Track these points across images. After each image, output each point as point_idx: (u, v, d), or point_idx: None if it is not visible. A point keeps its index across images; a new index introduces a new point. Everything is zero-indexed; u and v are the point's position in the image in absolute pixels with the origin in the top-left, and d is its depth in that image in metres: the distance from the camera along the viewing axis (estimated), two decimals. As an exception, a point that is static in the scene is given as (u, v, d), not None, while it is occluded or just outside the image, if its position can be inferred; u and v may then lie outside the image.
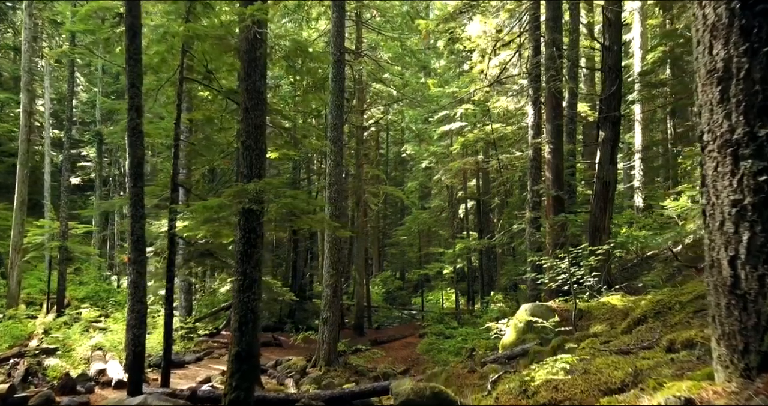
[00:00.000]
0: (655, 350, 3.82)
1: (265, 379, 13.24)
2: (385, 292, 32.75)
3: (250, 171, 6.95)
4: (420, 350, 18.27)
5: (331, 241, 14.41)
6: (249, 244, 6.91)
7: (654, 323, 5.32)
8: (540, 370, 4.13)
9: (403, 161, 40.65)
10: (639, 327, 5.36)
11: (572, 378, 3.50)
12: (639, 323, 5.66)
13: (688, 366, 2.95)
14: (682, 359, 3.17)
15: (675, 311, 5.35)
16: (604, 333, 6.77)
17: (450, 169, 24.30)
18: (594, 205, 12.53)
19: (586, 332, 7.31)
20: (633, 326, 5.69)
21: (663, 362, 3.25)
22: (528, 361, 7.19)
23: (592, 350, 4.70)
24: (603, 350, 4.59)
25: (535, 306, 8.69)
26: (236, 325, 6.77)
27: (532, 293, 12.68)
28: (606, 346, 4.80)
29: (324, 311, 14.39)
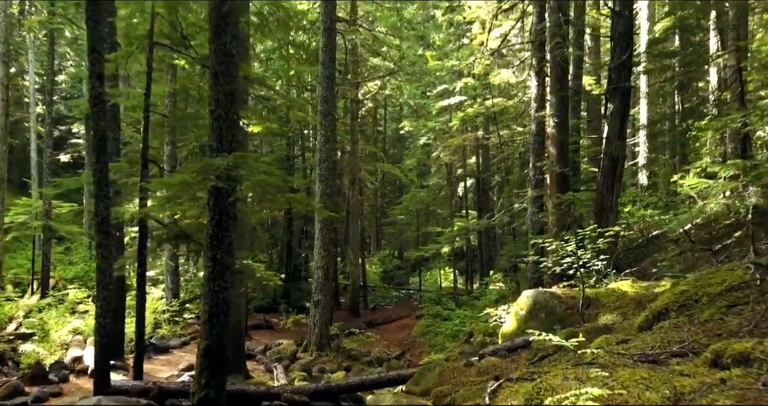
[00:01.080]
0: (693, 361, 3.11)
1: (252, 365, 12.66)
2: (382, 271, 32.19)
3: (219, 144, 6.17)
4: (416, 332, 17.70)
5: (322, 221, 13.68)
6: (220, 226, 6.17)
7: (678, 318, 4.61)
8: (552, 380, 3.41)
9: (402, 138, 39.74)
10: (661, 323, 4.64)
11: (592, 399, 2.78)
12: (660, 317, 4.94)
13: (752, 396, 2.24)
14: (739, 384, 2.46)
15: (703, 304, 4.63)
16: (617, 326, 6.07)
17: (449, 146, 23.48)
18: (600, 183, 11.75)
19: (595, 324, 6.61)
20: (653, 321, 4.98)
21: (711, 383, 2.54)
22: (531, 355, 6.51)
23: (608, 353, 3.98)
24: (622, 353, 3.87)
25: (538, 293, 7.99)
26: (206, 316, 6.07)
27: (533, 275, 11.99)
28: (625, 347, 4.09)
29: (315, 294, 13.74)
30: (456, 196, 28.70)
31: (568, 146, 12.23)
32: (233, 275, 6.31)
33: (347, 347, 14.56)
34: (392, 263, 33.88)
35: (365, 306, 22.85)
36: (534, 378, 3.97)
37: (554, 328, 7.47)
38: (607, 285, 8.32)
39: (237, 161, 5.85)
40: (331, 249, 13.97)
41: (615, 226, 10.78)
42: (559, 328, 7.43)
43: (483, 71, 19.67)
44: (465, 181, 27.39)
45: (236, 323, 10.72)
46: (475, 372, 6.49)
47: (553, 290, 8.03)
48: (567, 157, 12.06)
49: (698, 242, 10.33)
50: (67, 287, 20.67)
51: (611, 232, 7.73)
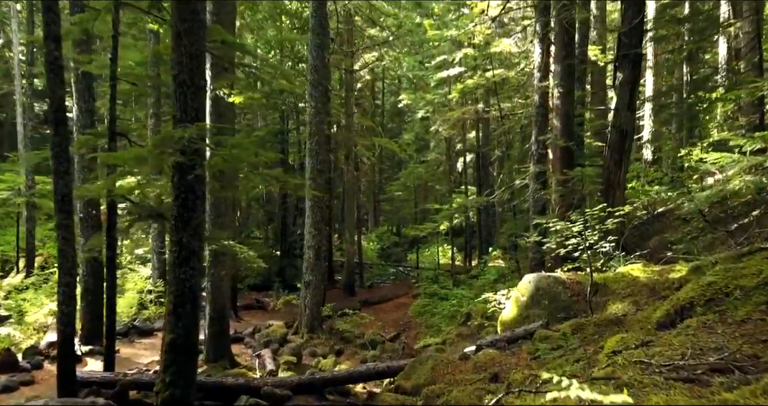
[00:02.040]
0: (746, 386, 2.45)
1: (240, 348, 12.13)
2: (379, 248, 31.62)
3: (184, 114, 5.44)
4: (412, 312, 17.17)
5: (312, 198, 12.98)
6: (185, 206, 5.48)
7: (707, 315, 3.95)
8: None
9: (401, 112, 38.77)
10: (687, 322, 3.99)
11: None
12: (683, 313, 4.29)
13: None
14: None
15: (736, 299, 3.97)
16: (630, 318, 5.42)
17: (448, 120, 22.62)
18: (608, 157, 11.02)
19: (605, 314, 5.97)
20: (675, 317, 4.33)
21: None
22: (533, 348, 5.89)
23: (628, 362, 3.33)
24: (646, 363, 3.22)
25: (540, 277, 7.35)
26: (170, 307, 5.43)
27: (534, 255, 11.34)
28: (647, 354, 3.43)
29: (306, 274, 13.13)
30: (455, 171, 27.94)
31: (574, 119, 11.46)
32: (201, 261, 5.64)
33: (340, 328, 14.02)
34: (390, 240, 33.29)
35: (361, 284, 22.32)
36: (540, 390, 3.33)
37: (558, 317, 6.86)
38: (616, 269, 7.67)
39: (201, 133, 5.13)
40: (322, 228, 13.31)
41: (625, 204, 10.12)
42: (564, 317, 6.81)
43: (483, 41, 18.73)
44: (465, 156, 26.61)
45: (220, 306, 10.13)
46: (471, 367, 5.89)
47: (557, 275, 7.39)
48: (572, 131, 11.30)
49: (712, 220, 9.66)
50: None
51: (622, 211, 7.04)
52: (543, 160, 11.54)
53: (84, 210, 10.84)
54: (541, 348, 5.64)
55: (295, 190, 6.43)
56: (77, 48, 10.32)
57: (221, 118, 10.00)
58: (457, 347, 11.84)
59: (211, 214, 10.06)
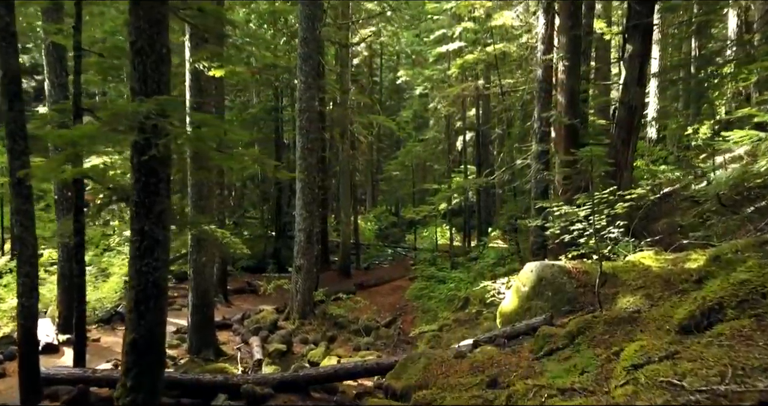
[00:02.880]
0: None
1: (227, 336, 11.64)
2: (377, 228, 31.08)
3: (143, 86, 4.79)
4: (409, 295, 16.69)
5: (303, 178, 12.36)
6: (147, 191, 4.87)
7: (742, 321, 3.37)
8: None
9: (399, 89, 37.89)
10: (718, 329, 3.41)
11: None
12: (711, 314, 3.71)
13: None
14: None
15: (775, 302, 3.39)
16: (645, 315, 4.85)
17: (447, 96, 21.85)
18: (615, 136, 10.41)
19: (616, 310, 5.41)
20: (701, 320, 3.75)
21: None
22: (536, 346, 5.34)
23: (653, 383, 2.76)
24: (677, 386, 2.65)
25: (544, 266, 6.78)
26: (132, 304, 4.86)
27: (536, 239, 10.79)
28: (677, 372, 2.86)
29: (297, 258, 12.59)
30: (454, 150, 27.22)
31: (579, 94, 10.78)
32: (166, 252, 5.05)
33: (333, 313, 13.53)
34: (388, 220, 32.71)
35: (357, 266, 21.84)
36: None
37: (563, 310, 6.31)
38: (626, 257, 7.10)
39: (162, 108, 4.49)
40: (314, 210, 12.71)
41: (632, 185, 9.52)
42: (569, 310, 6.26)
43: (484, 14, 17.92)
44: (464, 134, 25.89)
45: (204, 292, 9.59)
46: (467, 367, 5.35)
47: (561, 264, 6.82)
48: (577, 107, 10.64)
49: (728, 203, 9.07)
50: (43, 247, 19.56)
51: (633, 195, 6.43)
52: (546, 138, 10.90)
53: (59, 192, 10.24)
54: (545, 348, 5.09)
55: (274, 173, 5.84)
56: (46, 16, 9.60)
57: (202, 94, 9.34)
58: (455, 335, 11.36)
59: (193, 197, 9.47)
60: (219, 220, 14.65)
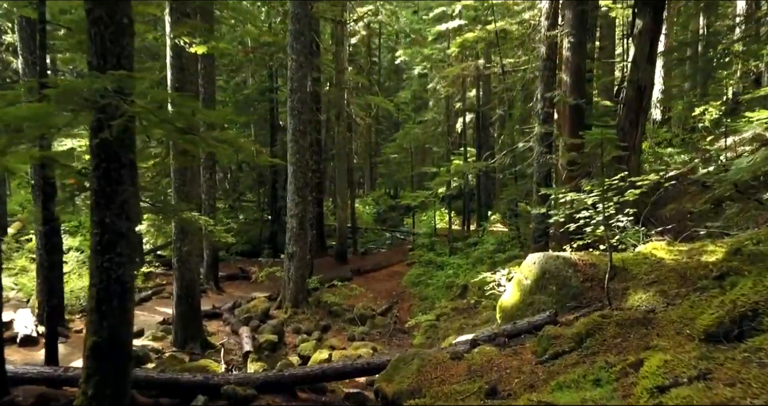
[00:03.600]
0: None
1: (217, 326, 11.23)
2: (375, 212, 30.62)
3: (101, 60, 4.26)
4: (406, 282, 16.29)
5: (295, 162, 11.83)
6: (108, 178, 4.37)
7: (784, 332, 2.89)
8: None
9: (398, 70, 37.15)
10: (756, 341, 2.93)
11: None
12: (743, 321, 3.23)
13: None
14: None
15: (823, 311, 2.91)
16: (662, 316, 4.38)
17: (447, 76, 21.18)
18: (622, 117, 9.85)
19: (627, 308, 4.93)
20: (731, 327, 3.28)
21: None
22: (539, 347, 4.88)
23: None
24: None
25: (547, 258, 6.29)
26: (92, 303, 4.39)
27: (538, 225, 10.30)
28: (713, 400, 2.38)
29: (290, 245, 12.12)
30: (454, 132, 26.60)
31: (585, 73, 10.20)
32: (132, 246, 4.56)
33: (328, 301, 13.12)
34: (386, 203, 32.22)
35: (354, 251, 21.40)
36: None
37: (568, 305, 5.84)
38: (635, 248, 6.61)
39: (121, 84, 3.96)
40: (306, 194, 12.20)
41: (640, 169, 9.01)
42: (575, 306, 5.79)
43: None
44: (464, 116, 25.26)
45: (189, 283, 9.13)
46: (464, 370, 4.90)
47: (566, 255, 6.33)
48: (583, 86, 10.07)
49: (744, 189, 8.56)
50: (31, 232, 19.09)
51: (646, 181, 5.92)
52: (549, 120, 10.34)
53: (35, 177, 9.71)
54: (550, 351, 4.63)
55: (252, 158, 5.34)
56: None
57: (183, 73, 8.77)
58: (452, 324, 10.95)
59: (176, 182, 8.97)
60: (209, 205, 14.17)
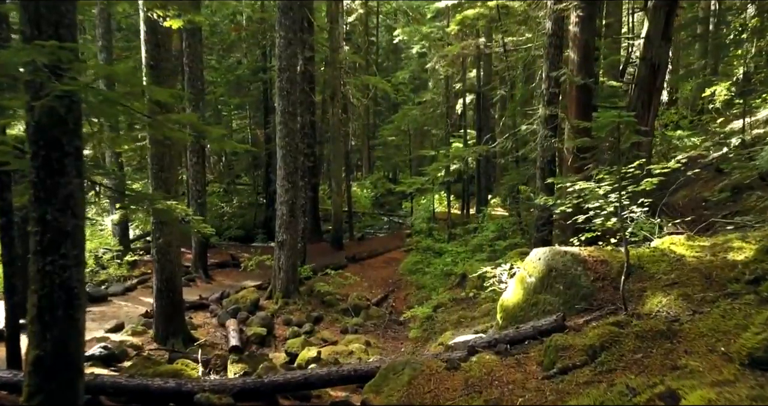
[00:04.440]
0: None
1: (203, 318, 10.71)
2: (373, 196, 29.98)
3: (36, 30, 3.62)
4: (403, 269, 15.75)
5: (285, 145, 11.19)
6: (49, 169, 3.76)
7: None
8: None
9: (397, 50, 36.21)
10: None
11: None
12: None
13: None
14: None
15: None
16: (689, 328, 3.80)
17: (446, 56, 20.38)
18: (634, 98, 9.20)
19: (646, 315, 4.35)
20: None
21: None
22: (547, 361, 4.32)
23: None
24: None
25: (554, 254, 5.71)
26: (35, 312, 3.82)
27: (542, 213, 9.70)
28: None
29: (280, 233, 11.55)
30: (454, 114, 25.86)
31: (594, 50, 9.50)
32: (78, 246, 3.96)
33: (321, 290, 12.58)
34: (385, 187, 31.56)
35: (351, 236, 20.85)
36: None
37: (577, 307, 5.27)
38: (650, 242, 6.03)
39: (57, 58, 3.32)
40: (296, 180, 11.59)
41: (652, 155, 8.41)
42: (585, 308, 5.23)
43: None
44: (464, 97, 24.50)
45: (169, 276, 8.56)
46: (461, 384, 4.35)
47: (575, 251, 5.73)
48: (592, 65, 9.39)
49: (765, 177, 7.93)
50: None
51: (666, 169, 5.30)
52: (554, 101, 9.68)
53: None
54: (559, 365, 4.07)
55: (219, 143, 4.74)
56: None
57: (159, 49, 8.09)
58: (450, 316, 10.42)
59: (153, 168, 8.35)
60: (197, 190, 13.56)
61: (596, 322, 4.74)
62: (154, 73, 8.05)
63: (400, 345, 10.11)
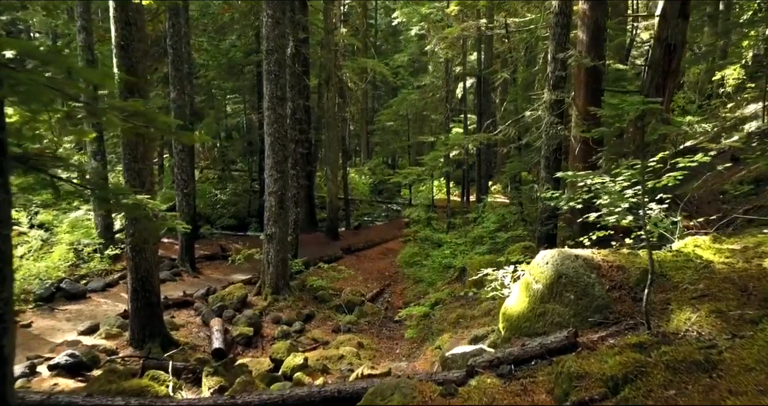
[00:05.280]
0: None
1: (187, 316, 10.12)
2: (372, 182, 29.32)
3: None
4: (400, 261, 15.17)
5: (273, 133, 10.51)
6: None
7: None
8: None
9: (396, 32, 35.29)
10: None
11: None
12: None
13: None
14: None
15: None
16: (732, 362, 3.17)
17: (446, 38, 19.55)
18: (647, 81, 8.49)
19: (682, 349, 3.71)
20: None
21: None
22: (559, 391, 3.71)
23: None
24: None
25: (563, 258, 5.07)
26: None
27: (547, 206, 9.04)
28: None
29: (268, 226, 10.92)
30: (454, 98, 25.08)
31: (605, 30, 8.76)
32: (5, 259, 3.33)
33: (314, 285, 12.02)
34: (383, 173, 30.88)
35: (348, 225, 20.25)
36: None
37: (591, 321, 4.65)
38: (670, 245, 5.38)
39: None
40: (286, 169, 10.91)
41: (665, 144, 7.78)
42: (599, 322, 4.61)
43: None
44: (464, 80, 23.73)
45: (145, 274, 7.95)
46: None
47: (587, 254, 5.10)
48: (603, 46, 8.65)
49: None
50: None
51: (692, 162, 4.63)
52: (562, 84, 8.97)
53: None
54: (573, 397, 3.45)
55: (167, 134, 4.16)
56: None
57: (130, 28, 7.38)
58: (449, 315, 9.82)
59: (126, 158, 7.69)
60: (183, 179, 12.90)
61: (613, 339, 4.13)
62: (124, 55, 7.36)
63: (396, 346, 9.54)
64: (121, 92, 7.39)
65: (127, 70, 7.34)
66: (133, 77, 7.38)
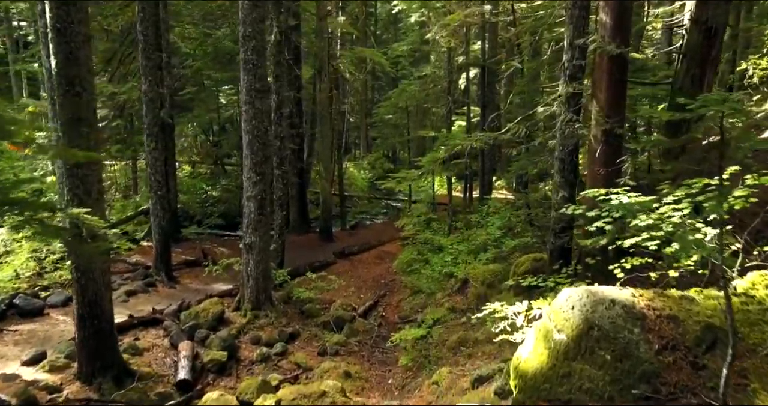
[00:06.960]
0: None
1: (153, 338, 8.98)
2: (371, 178, 28.12)
3: None
4: (398, 266, 13.99)
5: (251, 130, 9.32)
6: None
7: None
8: None
9: (396, 20, 34.01)
10: None
11: None
12: None
13: None
14: None
15: None
16: None
17: (447, 25, 18.28)
18: (682, 71, 7.29)
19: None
20: None
21: None
22: None
23: None
24: None
25: (594, 301, 3.88)
26: None
27: (562, 216, 7.86)
28: None
29: (247, 235, 9.78)
30: (456, 90, 23.78)
31: (631, 12, 7.53)
32: None
33: (300, 297, 10.90)
34: (383, 167, 29.65)
35: (343, 225, 19.09)
36: None
37: (635, 393, 3.48)
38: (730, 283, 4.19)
39: None
40: (266, 171, 9.73)
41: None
42: (645, 396, 3.43)
43: None
44: (467, 71, 22.44)
45: (93, 298, 6.83)
46: None
47: (626, 298, 3.88)
48: (628, 30, 7.41)
49: None
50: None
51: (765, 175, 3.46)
52: (580, 74, 7.75)
53: None
54: None
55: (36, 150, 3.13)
56: None
57: (67, 8, 6.18)
58: (449, 337, 8.67)
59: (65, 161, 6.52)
60: (157, 180, 11.74)
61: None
62: (61, 40, 6.19)
63: (388, 373, 8.41)
64: (58, 84, 6.23)
65: (64, 57, 6.17)
66: (73, 66, 6.21)
